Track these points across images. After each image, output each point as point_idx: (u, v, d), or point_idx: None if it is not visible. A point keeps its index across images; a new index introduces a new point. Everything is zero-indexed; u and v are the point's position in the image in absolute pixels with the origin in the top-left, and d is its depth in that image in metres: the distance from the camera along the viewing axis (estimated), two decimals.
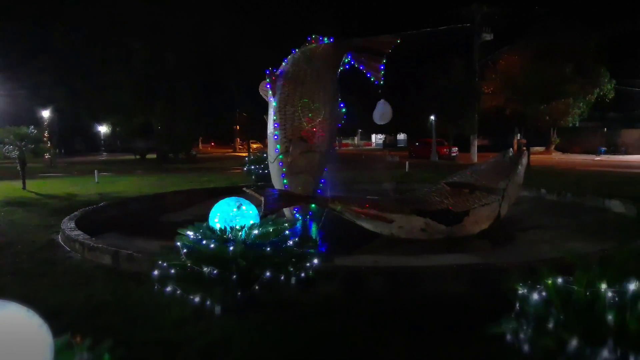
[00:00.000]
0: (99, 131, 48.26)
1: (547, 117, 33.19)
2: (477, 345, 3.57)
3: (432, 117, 34.85)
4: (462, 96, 31.11)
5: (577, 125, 39.42)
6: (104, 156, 44.23)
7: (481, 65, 33.69)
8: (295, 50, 8.41)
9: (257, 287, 4.31)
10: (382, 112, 8.61)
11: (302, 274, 4.43)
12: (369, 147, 65.81)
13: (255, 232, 4.38)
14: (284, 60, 8.33)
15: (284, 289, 4.43)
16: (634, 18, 33.12)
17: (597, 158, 33.79)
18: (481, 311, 3.67)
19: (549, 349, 2.79)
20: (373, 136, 71.44)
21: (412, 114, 35.60)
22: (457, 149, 37.17)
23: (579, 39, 29.49)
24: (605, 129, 41.01)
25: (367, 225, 7.24)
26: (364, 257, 6.02)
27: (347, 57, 8.36)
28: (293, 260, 4.41)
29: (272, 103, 8.06)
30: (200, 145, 57.98)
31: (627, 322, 2.80)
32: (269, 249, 4.32)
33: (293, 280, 4.39)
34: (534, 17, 32.17)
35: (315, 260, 4.56)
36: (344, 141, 63.82)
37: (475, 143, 32.93)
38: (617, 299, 2.79)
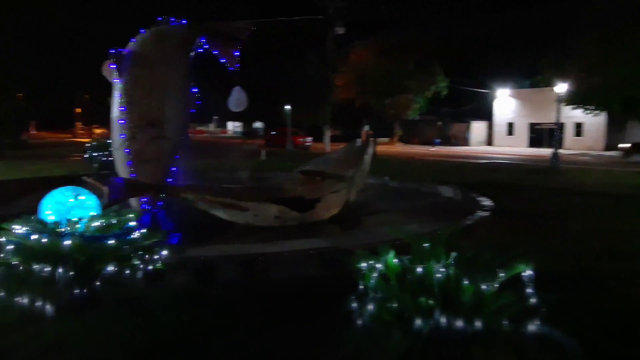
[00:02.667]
0: None
1: (392, 111, 35.98)
2: (327, 325, 3.74)
3: (288, 107, 35.51)
4: (316, 87, 32.18)
5: (417, 118, 43.36)
6: None
7: (335, 58, 35.15)
8: (144, 30, 7.89)
9: (98, 283, 3.99)
10: (237, 99, 8.51)
11: (150, 267, 4.20)
12: (226, 135, 64.87)
13: (96, 224, 4.04)
14: (131, 40, 7.77)
15: (130, 284, 4.16)
16: (464, 23, 37.32)
17: (433, 149, 37.49)
18: (331, 292, 3.84)
19: (387, 321, 3.04)
20: (230, 124, 70.53)
21: (269, 102, 35.91)
22: (311, 138, 38.42)
23: (418, 38, 32.35)
24: (440, 123, 45.70)
25: (221, 214, 7.12)
26: (218, 247, 5.92)
27: (200, 41, 8.09)
28: (140, 252, 4.16)
29: (118, 85, 7.48)
30: (32, 130, 51.53)
31: (453, 293, 3.17)
32: (112, 241, 4.02)
33: (140, 274, 4.15)
34: (382, 13, 34.42)
35: (164, 252, 4.36)
36: (199, 128, 62.02)
37: (329, 133, 34.36)
38: (444, 272, 3.14)
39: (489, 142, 43.93)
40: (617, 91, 26.99)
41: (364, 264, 3.26)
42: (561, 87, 20.22)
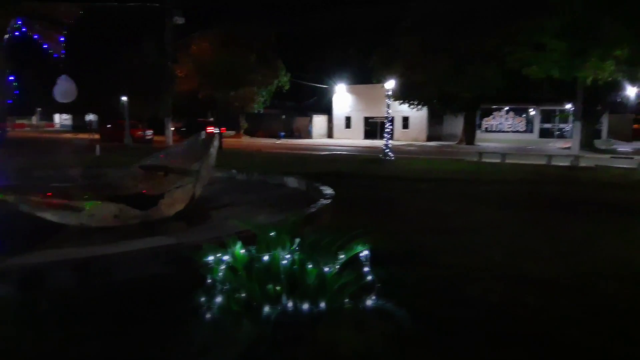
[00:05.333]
0: None
1: (236, 103, 35.86)
2: (175, 323, 3.65)
3: (124, 98, 33.19)
4: (155, 78, 30.63)
5: (261, 111, 43.88)
6: None
7: (175, 48, 33.74)
8: None
9: None
10: (64, 89, 7.77)
11: None
12: (52, 129, 58.28)
13: None
14: None
15: None
16: (303, 20, 38.68)
17: (278, 142, 38.35)
18: (178, 290, 3.76)
19: (236, 312, 3.10)
20: (57, 116, 63.49)
21: (103, 93, 33.17)
22: (152, 131, 36.47)
23: (260, 32, 32.69)
24: (284, 116, 46.88)
25: (50, 216, 6.44)
26: (47, 252, 5.36)
27: (16, 23, 7.17)
28: None
29: None
30: None
31: (298, 277, 3.34)
32: None
33: None
34: (221, 5, 34.00)
35: None
36: (19, 121, 54.80)
37: (170, 126, 32.99)
38: (289, 258, 3.29)
39: (330, 134, 46.37)
40: (435, 88, 30.53)
41: (210, 258, 3.26)
42: (389, 84, 22.12)
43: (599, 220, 8.36)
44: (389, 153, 21.10)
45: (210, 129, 34.65)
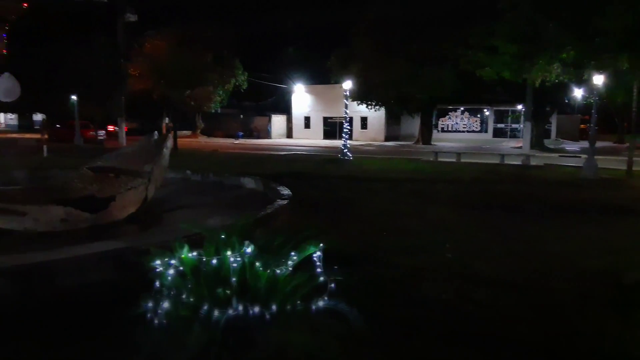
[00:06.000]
0: None
1: (193, 103, 35.24)
2: (122, 330, 3.52)
3: (74, 97, 32.01)
4: (108, 77, 29.71)
5: (219, 111, 43.31)
6: None
7: (128, 46, 32.82)
8: None
9: None
10: (6, 87, 7.41)
11: None
12: None
13: None
14: None
15: None
16: (261, 20, 38.42)
17: (236, 142, 37.92)
18: (126, 296, 3.63)
19: (184, 318, 3.01)
20: (1, 115, 60.66)
21: (52, 92, 31.87)
22: (104, 132, 35.36)
23: (216, 31, 32.27)
24: (242, 116, 46.42)
25: None
26: None
27: None
28: None
29: None
30: None
31: (249, 280, 3.29)
32: None
33: None
34: (177, 3, 33.37)
35: None
36: None
37: (124, 126, 32.07)
38: (239, 261, 3.23)
39: (289, 134, 46.25)
40: (392, 89, 30.98)
41: (158, 262, 3.17)
42: (347, 84, 22.27)
43: (547, 219, 8.67)
44: (348, 153, 21.23)
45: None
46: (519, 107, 32.68)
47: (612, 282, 5.02)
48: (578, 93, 27.84)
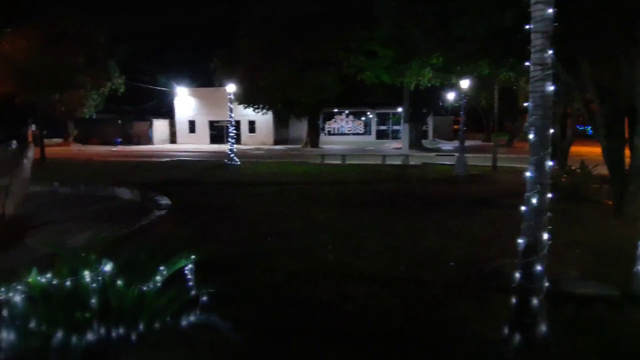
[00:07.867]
0: None
1: (63, 108, 32.47)
2: None
3: None
4: None
5: (94, 117, 40.36)
6: None
7: None
8: None
9: None
10: None
11: None
12: None
13: None
14: None
15: None
16: (139, 19, 36.51)
17: (115, 149, 35.62)
18: None
19: (35, 348, 2.70)
20: None
21: None
22: None
23: (88, 30, 30.01)
24: (120, 121, 43.64)
25: None
26: None
27: None
28: None
29: None
30: None
31: (111, 300, 3.04)
32: None
33: None
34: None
35: None
36: None
37: None
38: (99, 280, 2.98)
39: (173, 140, 44.43)
40: (278, 92, 31.17)
41: (2, 289, 2.81)
42: (231, 87, 21.93)
43: (421, 214, 9.23)
44: (234, 158, 20.91)
45: None
46: (399, 109, 34.61)
47: (475, 270, 5.46)
48: (450, 96, 30.17)
